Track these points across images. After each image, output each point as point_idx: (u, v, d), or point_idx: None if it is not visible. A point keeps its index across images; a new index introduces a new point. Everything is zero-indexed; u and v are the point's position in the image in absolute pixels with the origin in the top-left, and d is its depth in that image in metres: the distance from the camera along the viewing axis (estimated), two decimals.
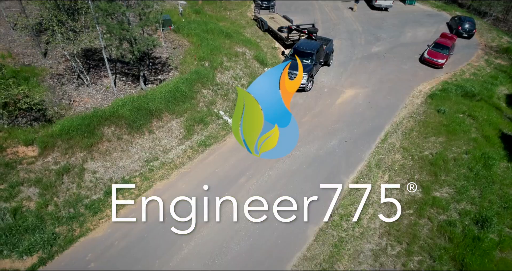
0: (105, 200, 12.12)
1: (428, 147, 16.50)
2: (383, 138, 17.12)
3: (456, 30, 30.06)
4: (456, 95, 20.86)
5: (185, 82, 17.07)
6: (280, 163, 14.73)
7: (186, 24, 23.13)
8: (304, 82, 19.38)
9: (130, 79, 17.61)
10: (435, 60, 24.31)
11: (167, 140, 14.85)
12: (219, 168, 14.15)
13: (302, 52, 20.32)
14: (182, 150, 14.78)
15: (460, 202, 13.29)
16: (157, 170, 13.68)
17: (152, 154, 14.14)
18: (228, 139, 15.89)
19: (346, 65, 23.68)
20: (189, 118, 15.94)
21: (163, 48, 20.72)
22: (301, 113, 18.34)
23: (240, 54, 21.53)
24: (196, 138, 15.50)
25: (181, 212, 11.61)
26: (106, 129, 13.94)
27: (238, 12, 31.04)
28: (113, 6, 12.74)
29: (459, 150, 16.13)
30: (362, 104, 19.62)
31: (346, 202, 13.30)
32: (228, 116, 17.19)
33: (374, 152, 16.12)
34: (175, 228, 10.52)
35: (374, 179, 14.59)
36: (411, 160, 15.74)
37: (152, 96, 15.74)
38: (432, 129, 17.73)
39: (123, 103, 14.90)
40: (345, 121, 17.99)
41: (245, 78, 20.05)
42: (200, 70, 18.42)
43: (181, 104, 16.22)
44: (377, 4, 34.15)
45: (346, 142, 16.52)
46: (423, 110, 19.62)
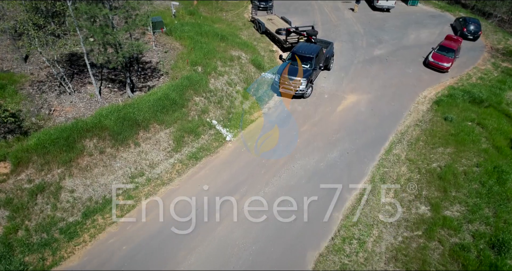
0: (82, 223, 10.98)
1: (436, 159, 15.38)
2: (387, 149, 16.01)
3: (461, 32, 28.96)
4: (463, 101, 19.75)
5: (176, 89, 15.94)
6: (277, 178, 13.60)
7: (179, 26, 22.00)
8: (303, 88, 18.26)
9: (117, 85, 16.47)
10: (440, 63, 23.20)
11: (155, 153, 13.71)
12: (210, 184, 13.02)
13: (301, 56, 19.19)
14: (171, 164, 13.64)
15: (473, 222, 12.17)
16: (142, 187, 12.54)
17: (137, 169, 13.01)
18: (221, 151, 14.76)
19: (347, 69, 22.57)
20: (179, 129, 14.81)
21: (153, 52, 19.60)
22: (299, 121, 17.21)
23: (235, 58, 20.41)
24: (186, 151, 14.36)
25: (166, 238, 10.54)
26: (88, 142, 12.81)
27: (234, 13, 29.91)
28: (93, 8, 11.60)
29: (469, 162, 15.01)
30: (365, 111, 18.50)
31: (348, 223, 12.17)
32: (222, 126, 16.06)
33: (378, 164, 15.01)
34: (160, 257, 9.42)
35: (379, 195, 13.46)
36: (418, 174, 14.62)
37: (139, 104, 14.60)
38: (440, 138, 16.62)
39: (107, 113, 13.76)
40: (346, 130, 16.87)
41: (241, 84, 18.92)
42: (192, 75, 17.29)
43: (170, 113, 15.09)
44: (379, 4, 33.04)
45: (348, 154, 15.39)
46: (429, 117, 18.51)
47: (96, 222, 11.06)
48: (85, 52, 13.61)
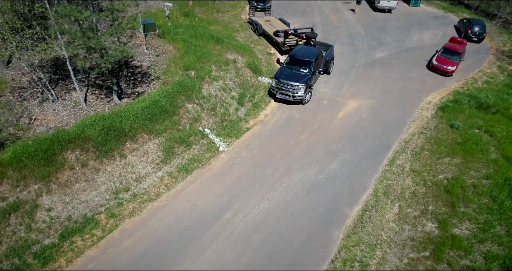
0: (59, 246, 10.05)
1: (442, 170, 14.47)
2: (390, 159, 15.09)
3: (465, 34, 28.04)
4: (469, 107, 18.84)
5: (166, 96, 15.02)
6: (273, 193, 12.68)
7: (172, 29, 21.08)
8: (302, 94, 17.33)
9: (104, 92, 15.55)
10: (444, 67, 22.28)
11: (142, 165, 12.79)
12: (201, 200, 12.10)
13: (299, 60, 18.27)
14: (159, 178, 12.72)
15: (484, 242, 11.25)
16: (127, 204, 11.62)
17: (122, 183, 12.08)
18: (214, 163, 13.83)
19: (348, 73, 21.65)
20: (169, 138, 13.89)
21: (145, 55, 18.69)
22: (297, 129, 16.29)
23: (231, 61, 19.48)
24: (176, 163, 13.44)
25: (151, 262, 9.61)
26: (69, 154, 11.88)
27: (231, 15, 29.00)
28: (72, 11, 10.68)
29: (478, 174, 14.09)
30: (366, 118, 17.59)
31: (350, 243, 11.25)
32: (215, 135, 15.14)
33: (381, 176, 14.09)
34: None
35: (382, 211, 12.54)
36: (424, 187, 13.71)
37: (127, 113, 13.68)
38: (446, 148, 15.71)
39: (91, 122, 12.83)
40: (347, 138, 15.96)
41: (236, 89, 17.99)
42: (185, 81, 16.37)
43: (160, 121, 14.17)
44: (380, 5, 32.11)
45: (349, 165, 14.48)
46: (434, 124, 17.59)
47: (75, 245, 10.14)
48: (67, 57, 12.68)
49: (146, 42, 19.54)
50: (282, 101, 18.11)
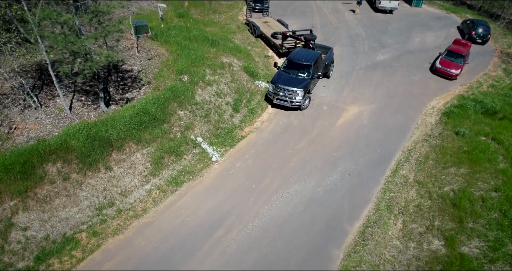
0: (34, 270, 9.24)
1: (449, 181, 13.66)
2: (393, 169, 14.29)
3: (469, 35, 27.24)
4: (475, 113, 18.02)
5: (157, 102, 14.21)
6: (269, 207, 11.88)
7: (165, 31, 20.26)
8: (300, 99, 16.52)
9: (91, 98, 14.74)
10: (448, 70, 21.47)
11: (128, 178, 11.98)
12: (191, 216, 11.29)
13: (298, 64, 17.46)
14: (147, 192, 11.92)
15: (495, 262, 10.44)
16: (111, 221, 10.81)
17: (106, 198, 11.28)
18: (206, 174, 13.02)
19: (348, 77, 20.84)
20: (158, 148, 13.09)
21: (136, 58, 17.88)
22: (295, 137, 15.48)
23: (226, 65, 18.68)
24: (165, 174, 12.63)
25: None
26: (50, 166, 11.09)
27: (228, 16, 28.19)
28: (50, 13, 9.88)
29: (486, 186, 13.28)
30: (368, 124, 16.78)
31: (350, 263, 10.45)
32: (208, 143, 14.33)
33: (383, 188, 13.29)
34: None
35: (385, 227, 11.74)
36: (429, 199, 12.90)
37: (113, 121, 12.88)
38: (451, 156, 14.90)
39: (75, 132, 12.03)
40: (348, 147, 15.15)
41: (231, 95, 17.18)
42: (177, 86, 15.56)
43: (149, 130, 13.37)
44: (381, 6, 31.28)
45: (350, 176, 13.67)
46: (438, 131, 16.79)
47: (51, 268, 9.34)
48: (49, 62, 11.86)
49: (137, 45, 18.73)
50: (280, 107, 17.30)
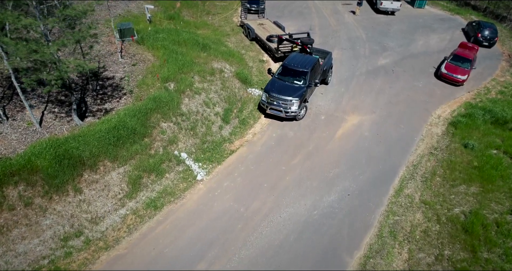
0: None
1: (458, 202, 12.37)
2: (397, 188, 12.99)
3: (475, 38, 25.94)
4: (484, 123, 16.73)
5: (137, 114, 12.92)
6: (258, 235, 10.57)
7: (152, 34, 18.97)
8: (295, 109, 15.22)
9: (65, 109, 13.45)
10: (454, 76, 20.18)
11: (101, 202, 10.69)
12: (169, 246, 9.99)
13: (293, 71, 16.15)
14: (121, 217, 10.62)
15: None
16: (77, 254, 9.51)
17: (74, 226, 9.98)
18: (189, 196, 11.72)
19: (348, 83, 19.54)
20: (136, 166, 11.80)
21: (119, 64, 16.58)
22: (290, 151, 14.18)
23: (217, 71, 17.38)
24: (143, 197, 11.34)
25: None
26: (11, 190, 9.82)
27: (222, 17, 26.89)
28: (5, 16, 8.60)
29: (500, 207, 11.99)
30: (369, 136, 15.48)
31: None
32: (193, 160, 13.03)
33: (386, 211, 11.99)
34: None
35: (389, 258, 10.44)
36: (437, 224, 11.61)
37: (87, 136, 11.59)
38: (461, 173, 13.62)
39: (42, 150, 10.73)
40: (347, 162, 13.86)
41: (221, 104, 15.88)
42: (161, 95, 14.27)
43: (127, 146, 12.08)
44: (383, 7, 29.97)
45: (349, 196, 12.38)
46: (445, 144, 15.49)
47: None
48: (11, 72, 10.57)
49: (122, 50, 17.43)
50: (274, 117, 16.01)
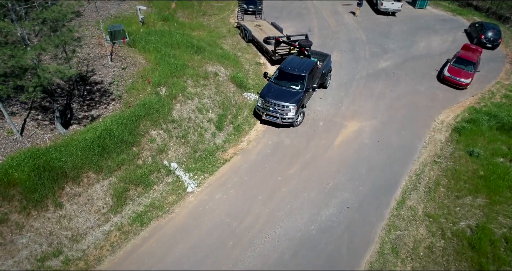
0: None
1: (464, 214, 11.70)
2: (399, 199, 12.31)
3: (478, 39, 25.26)
4: (489, 129, 16.04)
5: (125, 122, 12.24)
6: (251, 253, 9.88)
7: (144, 36, 18.28)
8: (292, 116, 14.54)
9: (49, 116, 12.77)
10: (457, 79, 19.50)
11: (83, 217, 10.01)
12: (155, 266, 9.29)
13: (290, 75, 15.46)
14: (104, 234, 9.93)
15: None
16: None
17: (52, 245, 9.30)
18: (178, 210, 11.02)
19: (348, 87, 18.85)
20: (123, 178, 11.11)
21: (108, 68, 15.90)
22: (286, 160, 13.50)
23: (211, 74, 16.70)
24: (129, 211, 10.65)
25: None
26: None
27: (219, 18, 26.20)
28: None
29: (509, 221, 11.32)
30: (369, 143, 14.80)
31: None
32: (184, 170, 12.35)
33: (388, 225, 11.31)
34: None
35: None
36: (442, 239, 10.93)
37: (70, 146, 10.91)
38: (466, 183, 12.95)
39: (20, 161, 10.05)
40: (346, 172, 13.17)
41: (214, 110, 15.19)
42: (151, 101, 13.59)
43: (114, 156, 11.40)
44: (383, 8, 29.27)
45: (349, 209, 11.70)
46: (449, 151, 14.81)
47: None
48: None
49: (112, 53, 16.75)
50: (270, 123, 15.32)
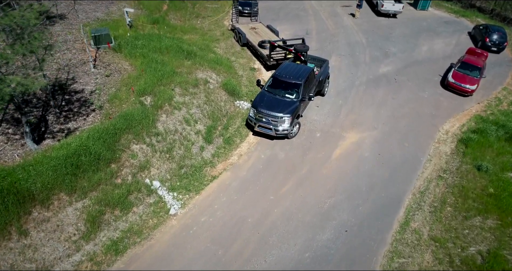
0: None
1: (473, 238, 10.67)
2: (402, 221, 11.28)
3: (483, 42, 24.24)
4: (498, 140, 15.04)
5: (103, 136, 11.20)
6: None
7: (131, 40, 17.25)
8: (287, 127, 13.51)
9: (21, 130, 11.74)
10: (462, 85, 18.47)
11: (50, 247, 8.98)
12: None
13: (285, 83, 14.43)
14: (74, 266, 8.89)
15: None
16: None
17: None
18: (159, 235, 9.98)
19: (347, 94, 17.82)
20: (98, 200, 10.08)
21: (91, 75, 14.87)
22: (280, 176, 12.46)
23: (202, 82, 15.68)
24: (104, 238, 9.61)
25: None
26: None
27: (213, 20, 25.17)
28: None
29: None
30: (369, 157, 13.78)
31: None
32: (167, 189, 11.30)
33: (390, 251, 10.27)
34: None
35: None
36: (450, 267, 9.90)
37: (40, 164, 9.87)
38: (474, 201, 11.92)
39: None
40: (345, 190, 12.14)
41: (203, 120, 14.15)
42: (134, 111, 12.56)
43: (89, 175, 10.36)
44: (384, 9, 28.24)
45: (347, 232, 10.67)
46: (455, 165, 13.79)
47: None
48: None
49: (96, 58, 15.72)
50: (263, 135, 14.30)
